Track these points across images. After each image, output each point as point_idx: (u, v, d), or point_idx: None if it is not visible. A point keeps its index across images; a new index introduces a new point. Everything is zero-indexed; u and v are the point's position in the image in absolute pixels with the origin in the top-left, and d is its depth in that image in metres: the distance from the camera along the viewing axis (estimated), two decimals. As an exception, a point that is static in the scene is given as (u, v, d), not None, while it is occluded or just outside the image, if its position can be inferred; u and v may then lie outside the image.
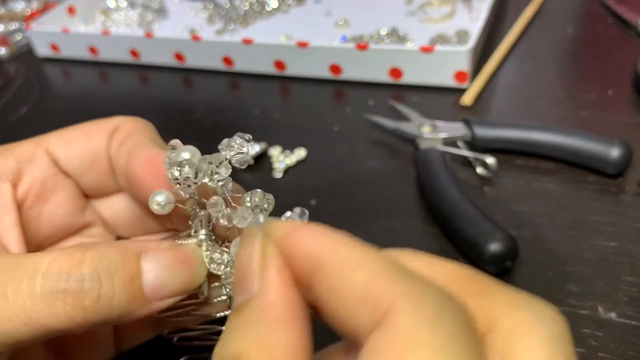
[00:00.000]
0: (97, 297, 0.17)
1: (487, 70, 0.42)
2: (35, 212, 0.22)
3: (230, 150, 0.20)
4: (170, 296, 0.19)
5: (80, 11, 0.58)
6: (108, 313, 0.17)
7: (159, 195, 0.20)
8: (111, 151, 0.22)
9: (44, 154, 0.22)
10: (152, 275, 0.18)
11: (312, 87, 0.45)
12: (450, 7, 0.50)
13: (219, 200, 0.20)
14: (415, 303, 0.12)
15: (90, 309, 0.17)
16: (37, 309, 0.17)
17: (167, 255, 0.19)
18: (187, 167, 0.19)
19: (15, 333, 0.17)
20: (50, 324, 0.17)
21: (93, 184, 0.23)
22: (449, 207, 0.29)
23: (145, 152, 0.21)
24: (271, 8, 0.55)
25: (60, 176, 0.23)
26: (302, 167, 0.37)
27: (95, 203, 0.25)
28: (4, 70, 0.54)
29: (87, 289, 0.17)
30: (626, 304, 0.26)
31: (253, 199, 0.19)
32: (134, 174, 0.21)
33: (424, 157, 0.33)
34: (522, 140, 0.34)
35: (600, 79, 0.41)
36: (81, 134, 0.23)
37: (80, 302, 0.17)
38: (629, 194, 0.31)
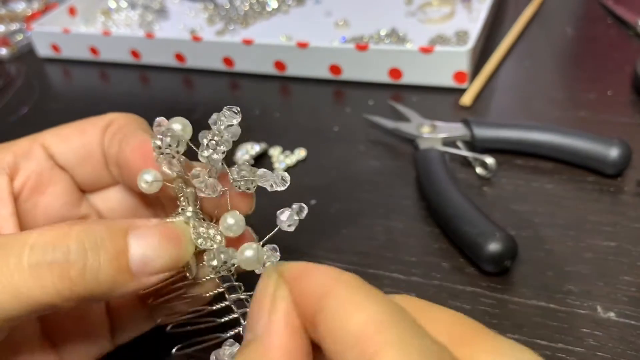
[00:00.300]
0: (83, 269, 0.17)
1: (487, 71, 0.42)
2: (32, 204, 0.23)
3: (221, 123, 0.20)
4: (157, 272, 0.19)
5: (81, 12, 0.58)
6: (95, 286, 0.18)
7: (146, 174, 0.20)
8: (104, 144, 0.23)
9: (40, 149, 0.23)
10: (139, 252, 0.18)
11: (312, 88, 0.45)
12: (450, 7, 0.50)
13: (201, 172, 0.20)
14: (399, 352, 0.13)
15: (77, 280, 0.17)
16: (25, 282, 0.17)
17: (154, 231, 0.19)
18: (169, 136, 0.20)
19: (6, 308, 0.17)
20: (38, 297, 0.17)
21: (88, 177, 0.24)
22: (448, 207, 0.29)
23: (135, 139, 0.22)
24: (271, 8, 0.56)
25: (56, 170, 0.23)
26: (302, 167, 0.37)
27: (91, 196, 0.25)
28: (5, 71, 0.54)
29: (73, 261, 0.17)
30: (625, 303, 0.26)
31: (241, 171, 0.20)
32: (125, 160, 0.22)
33: (423, 157, 0.33)
34: (521, 140, 0.34)
35: (600, 79, 0.41)
36: (76, 130, 0.23)
37: (66, 274, 0.17)
38: (628, 194, 0.31)
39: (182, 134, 0.20)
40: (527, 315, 0.26)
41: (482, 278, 0.28)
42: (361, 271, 0.29)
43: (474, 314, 0.26)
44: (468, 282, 0.28)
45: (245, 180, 0.21)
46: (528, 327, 0.25)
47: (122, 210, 0.25)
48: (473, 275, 0.28)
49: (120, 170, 0.22)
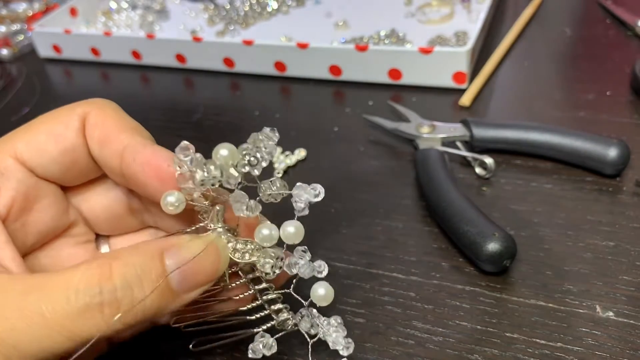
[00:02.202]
0: (131, 302, 0.18)
1: (486, 71, 0.43)
2: (20, 224, 0.22)
3: (260, 141, 0.20)
4: (198, 287, 0.19)
5: (82, 12, 0.58)
6: (143, 314, 0.18)
7: (170, 197, 0.21)
8: (93, 150, 0.22)
9: (16, 164, 0.21)
10: (177, 270, 0.19)
11: (312, 88, 0.45)
12: (449, 8, 0.51)
13: (242, 194, 0.21)
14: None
15: (126, 314, 0.18)
16: (77, 323, 0.17)
17: (188, 248, 0.19)
18: (212, 167, 0.20)
19: (58, 347, 0.17)
20: (90, 333, 0.17)
21: (74, 178, 0.23)
22: (447, 207, 0.29)
23: (142, 153, 0.21)
24: (271, 9, 0.56)
25: (41, 183, 0.22)
26: (302, 167, 0.37)
27: (75, 202, 0.24)
28: (6, 71, 0.54)
29: (121, 298, 0.18)
30: (624, 303, 0.26)
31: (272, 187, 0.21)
32: (136, 176, 0.21)
33: (423, 157, 0.34)
34: (520, 140, 0.34)
35: (599, 79, 0.41)
36: (50, 136, 0.22)
37: (115, 310, 0.18)
38: (627, 194, 0.31)
39: (226, 159, 0.20)
40: (526, 314, 0.26)
41: (482, 277, 0.28)
42: (361, 270, 0.29)
43: (473, 313, 0.26)
44: (467, 282, 0.28)
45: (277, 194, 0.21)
46: (527, 327, 0.25)
47: (106, 217, 0.25)
48: (472, 274, 0.28)
49: (128, 181, 0.22)
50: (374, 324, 0.27)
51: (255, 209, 0.21)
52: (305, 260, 0.22)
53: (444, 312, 0.27)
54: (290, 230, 0.21)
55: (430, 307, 0.27)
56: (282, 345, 0.24)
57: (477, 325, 0.26)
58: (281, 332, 0.24)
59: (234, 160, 0.20)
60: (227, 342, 0.24)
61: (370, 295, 0.28)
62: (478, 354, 0.25)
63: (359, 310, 0.27)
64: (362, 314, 0.27)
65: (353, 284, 0.29)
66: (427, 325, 0.26)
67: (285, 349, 0.25)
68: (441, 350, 0.25)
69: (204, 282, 0.20)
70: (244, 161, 0.20)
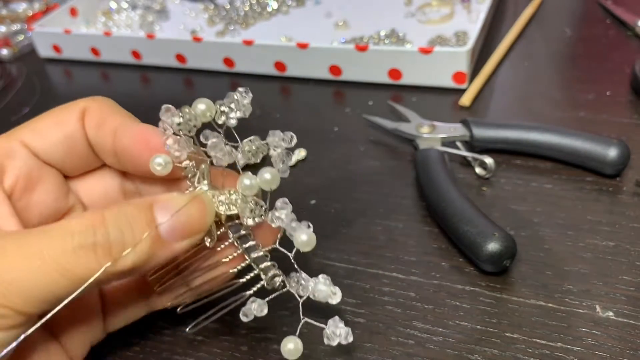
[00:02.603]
0: (122, 246, 0.19)
1: (486, 71, 0.43)
2: (24, 203, 0.23)
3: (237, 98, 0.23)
4: (186, 237, 0.21)
5: (82, 12, 0.58)
6: (133, 261, 0.20)
7: (158, 158, 0.22)
8: (89, 135, 0.24)
9: (22, 147, 0.23)
10: (166, 219, 0.20)
11: (312, 88, 0.45)
12: (449, 8, 0.51)
13: (218, 142, 0.23)
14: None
15: (118, 256, 0.19)
16: (73, 262, 0.19)
17: (176, 200, 0.21)
18: (187, 110, 0.22)
19: (55, 286, 0.19)
20: (84, 273, 0.19)
21: (74, 166, 0.25)
22: (447, 207, 0.29)
23: (132, 128, 0.23)
24: (271, 9, 0.56)
25: (43, 167, 0.24)
26: (302, 167, 0.37)
27: (74, 188, 0.26)
28: (7, 71, 0.54)
29: (113, 240, 0.19)
30: (624, 302, 0.26)
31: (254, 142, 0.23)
32: (126, 150, 0.23)
33: (423, 157, 0.34)
34: (520, 140, 0.34)
35: (598, 79, 0.41)
36: (52, 123, 0.24)
37: (108, 252, 0.19)
38: (627, 194, 0.31)
39: (203, 112, 0.22)
40: (526, 314, 0.26)
41: (481, 277, 0.28)
42: (361, 270, 0.29)
43: (473, 313, 0.26)
44: (467, 282, 0.28)
45: (257, 151, 0.23)
46: (527, 327, 0.25)
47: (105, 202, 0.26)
48: (472, 274, 0.28)
49: (121, 159, 0.24)
50: (374, 324, 0.27)
51: (233, 156, 0.23)
52: (287, 211, 0.23)
53: (444, 312, 0.27)
54: (267, 176, 0.23)
55: (430, 307, 0.27)
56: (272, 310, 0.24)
57: (477, 325, 0.26)
58: (272, 294, 0.24)
59: (211, 112, 0.23)
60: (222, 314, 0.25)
61: (370, 295, 0.28)
62: (478, 354, 0.25)
63: (359, 310, 0.27)
64: (362, 314, 0.27)
65: (353, 284, 0.29)
66: (427, 325, 0.26)
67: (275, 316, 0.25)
68: (441, 350, 0.25)
69: (192, 231, 0.21)
70: (220, 112, 0.23)
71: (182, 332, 0.27)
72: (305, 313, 0.24)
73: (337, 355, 0.26)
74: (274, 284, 0.24)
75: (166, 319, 0.28)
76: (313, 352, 0.26)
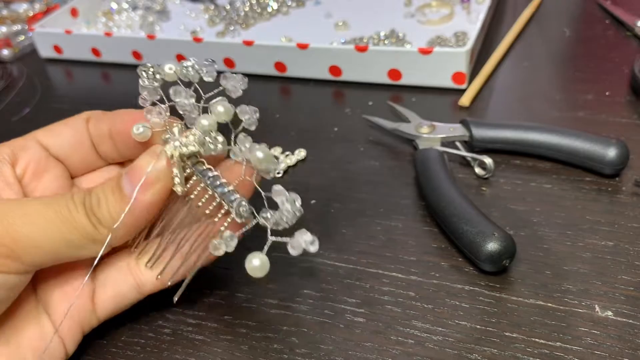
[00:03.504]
0: (98, 204, 0.23)
1: (485, 72, 0.43)
2: (32, 188, 0.26)
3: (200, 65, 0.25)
4: (145, 185, 0.23)
5: (83, 13, 0.59)
6: (110, 215, 0.23)
7: (137, 125, 0.25)
8: (91, 131, 0.27)
9: (35, 142, 0.27)
10: (125, 176, 0.23)
11: (312, 88, 0.45)
12: (449, 9, 0.51)
13: (182, 89, 0.25)
14: None
15: (99, 214, 0.23)
16: (68, 217, 0.23)
17: (136, 161, 0.24)
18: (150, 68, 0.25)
19: (55, 236, 0.22)
20: (79, 227, 0.23)
21: (79, 164, 0.28)
22: (447, 207, 0.29)
23: (124, 115, 0.27)
24: (271, 10, 0.56)
25: (51, 159, 0.27)
26: (302, 167, 0.37)
27: (78, 183, 0.29)
28: (7, 71, 0.54)
29: (94, 202, 0.23)
30: (623, 302, 0.26)
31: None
32: (117, 130, 0.27)
33: (422, 157, 0.34)
34: (519, 140, 0.34)
35: (598, 79, 0.41)
36: (64, 125, 0.28)
37: (92, 211, 0.23)
38: (626, 194, 0.31)
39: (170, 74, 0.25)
40: (525, 314, 0.26)
41: (481, 277, 0.28)
42: (361, 270, 0.29)
43: (473, 313, 0.26)
44: (467, 281, 0.28)
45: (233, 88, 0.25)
46: (526, 326, 0.25)
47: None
48: (472, 274, 0.28)
49: (114, 140, 0.27)
50: (374, 324, 0.27)
51: (194, 105, 0.25)
52: (249, 143, 0.24)
53: (443, 312, 0.27)
54: (220, 109, 0.25)
55: (429, 306, 0.27)
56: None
57: (476, 325, 0.26)
58: (244, 229, 0.24)
59: (179, 74, 0.25)
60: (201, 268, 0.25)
61: (370, 295, 0.28)
62: (477, 354, 0.25)
63: (359, 309, 0.27)
64: (362, 314, 0.27)
65: (353, 284, 0.29)
66: (427, 324, 0.26)
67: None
68: (441, 349, 0.25)
69: (148, 179, 0.23)
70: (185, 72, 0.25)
71: (182, 332, 0.27)
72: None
73: (337, 354, 0.26)
74: (241, 213, 0.24)
75: (166, 318, 0.28)
76: (314, 352, 0.26)
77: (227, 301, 0.29)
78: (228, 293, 0.29)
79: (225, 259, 0.25)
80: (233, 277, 0.30)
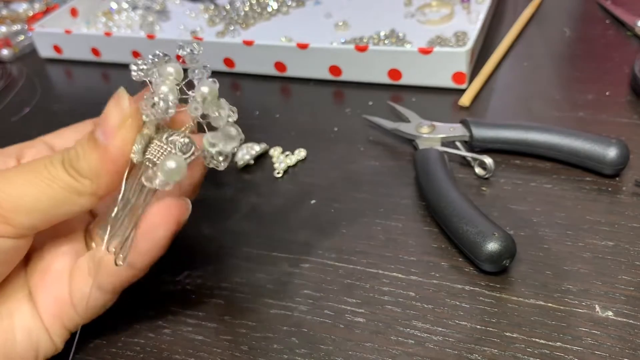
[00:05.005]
0: (77, 158, 0.23)
1: (485, 72, 0.43)
2: None
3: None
4: (112, 131, 0.23)
5: (82, 13, 0.58)
6: (84, 168, 0.23)
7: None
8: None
9: (40, 142, 0.28)
10: (97, 127, 0.23)
11: (312, 88, 0.45)
12: (449, 8, 0.51)
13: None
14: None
15: (77, 166, 0.23)
16: (53, 174, 0.23)
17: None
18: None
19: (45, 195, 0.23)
20: (63, 183, 0.23)
21: None
22: (447, 207, 0.29)
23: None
24: (271, 10, 0.56)
25: None
26: (302, 167, 0.37)
27: None
28: (7, 71, 0.54)
29: (72, 156, 0.23)
30: (623, 302, 0.26)
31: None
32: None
33: (422, 157, 0.34)
34: (519, 140, 0.34)
35: (598, 79, 0.41)
36: (69, 128, 0.29)
37: (70, 164, 0.23)
38: (626, 194, 0.31)
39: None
40: (525, 314, 0.26)
41: (481, 277, 0.28)
42: (361, 270, 0.29)
43: (473, 313, 0.26)
44: (467, 281, 0.28)
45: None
46: (526, 326, 0.25)
47: None
48: (472, 274, 0.28)
49: None
50: (374, 324, 0.27)
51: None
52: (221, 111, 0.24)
53: (443, 312, 0.27)
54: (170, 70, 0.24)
55: (429, 306, 0.27)
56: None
57: (476, 325, 0.26)
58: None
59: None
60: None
61: (370, 295, 0.28)
62: (477, 354, 0.25)
63: (359, 309, 0.27)
64: (362, 314, 0.27)
65: (353, 284, 0.29)
66: (427, 324, 0.26)
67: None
68: (441, 349, 0.25)
69: (113, 123, 0.23)
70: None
71: (182, 332, 0.27)
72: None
73: (337, 354, 0.26)
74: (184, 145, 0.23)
75: (166, 318, 0.28)
76: (314, 352, 0.26)
77: (227, 301, 0.29)
78: (228, 293, 0.29)
79: (225, 258, 0.25)
80: (233, 277, 0.30)
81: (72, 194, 0.23)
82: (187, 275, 0.30)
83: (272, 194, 0.35)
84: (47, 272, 0.26)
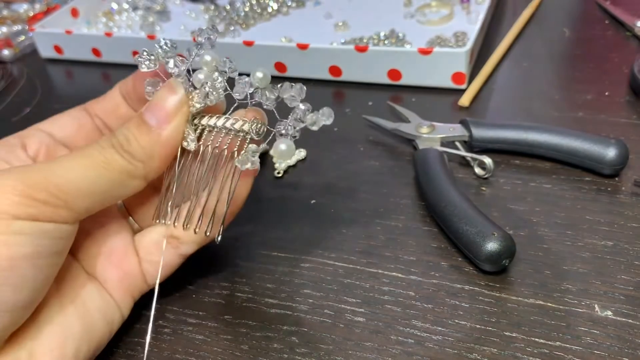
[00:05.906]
0: (126, 140, 0.24)
1: (485, 72, 0.43)
2: None
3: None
4: (166, 116, 0.24)
5: (83, 13, 0.59)
6: (138, 151, 0.24)
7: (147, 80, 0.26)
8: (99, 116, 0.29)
9: (38, 130, 0.28)
10: (146, 109, 0.25)
11: (312, 89, 0.45)
12: (449, 9, 0.51)
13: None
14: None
15: (130, 149, 0.24)
16: (107, 157, 0.24)
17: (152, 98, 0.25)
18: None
19: (100, 179, 0.23)
20: (117, 165, 0.24)
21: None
22: (447, 207, 0.30)
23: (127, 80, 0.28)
24: (271, 10, 0.56)
25: (58, 145, 0.28)
26: (302, 167, 0.37)
27: None
28: (8, 71, 0.55)
29: (122, 140, 0.24)
30: (622, 302, 0.26)
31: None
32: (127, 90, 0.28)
33: (422, 157, 0.34)
34: (519, 140, 0.34)
35: (597, 80, 0.41)
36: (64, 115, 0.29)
37: (121, 147, 0.24)
38: (625, 194, 0.31)
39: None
40: (525, 313, 0.26)
41: (481, 277, 0.28)
42: (361, 270, 0.29)
43: (473, 313, 0.27)
44: (466, 281, 0.28)
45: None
46: (526, 326, 0.26)
47: None
48: (471, 274, 0.28)
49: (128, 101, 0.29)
50: (374, 323, 0.27)
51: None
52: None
53: (443, 312, 0.27)
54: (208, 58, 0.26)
55: (429, 306, 0.27)
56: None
57: (476, 325, 0.26)
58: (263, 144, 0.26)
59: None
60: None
61: (370, 295, 0.28)
62: (477, 353, 0.25)
63: (359, 309, 0.27)
64: (362, 313, 0.27)
65: (353, 284, 0.29)
66: (427, 324, 0.26)
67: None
68: (440, 349, 0.25)
69: (169, 110, 0.24)
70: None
71: (182, 332, 0.28)
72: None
73: (337, 354, 0.26)
74: (258, 128, 0.26)
75: (166, 318, 0.28)
76: (314, 352, 0.26)
77: (227, 301, 0.29)
78: (228, 293, 0.29)
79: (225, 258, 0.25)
80: (233, 277, 0.30)
81: (126, 177, 0.24)
82: (187, 275, 0.30)
83: (272, 194, 0.36)
84: (112, 252, 0.27)
